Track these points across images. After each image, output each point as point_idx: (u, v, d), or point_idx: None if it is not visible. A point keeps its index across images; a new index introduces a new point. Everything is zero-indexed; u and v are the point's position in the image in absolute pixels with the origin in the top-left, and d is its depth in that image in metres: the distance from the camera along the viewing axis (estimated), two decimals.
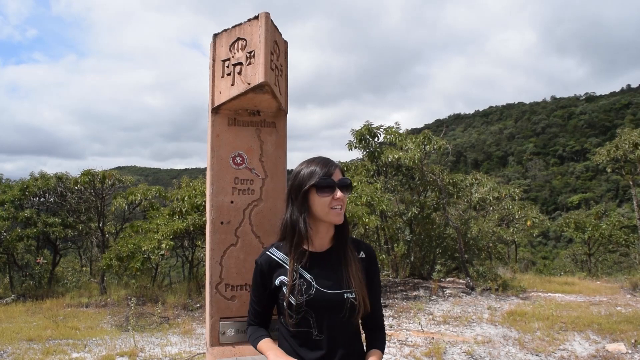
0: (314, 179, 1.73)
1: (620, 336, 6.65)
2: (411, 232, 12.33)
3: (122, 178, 12.92)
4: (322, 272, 1.76)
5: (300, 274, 1.75)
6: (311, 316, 1.72)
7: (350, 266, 1.76)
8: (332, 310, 1.72)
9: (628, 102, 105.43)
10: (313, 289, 1.72)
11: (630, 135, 14.60)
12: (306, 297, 1.71)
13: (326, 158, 1.82)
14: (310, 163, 1.79)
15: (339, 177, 1.77)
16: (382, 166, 12.56)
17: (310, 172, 1.76)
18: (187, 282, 11.90)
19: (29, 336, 7.04)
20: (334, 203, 1.73)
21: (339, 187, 1.74)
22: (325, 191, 1.73)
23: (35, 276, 13.02)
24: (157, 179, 78.95)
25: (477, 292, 10.20)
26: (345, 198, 1.76)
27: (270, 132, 2.48)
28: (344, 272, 1.75)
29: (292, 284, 1.73)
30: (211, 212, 2.34)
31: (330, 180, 1.74)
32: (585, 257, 18.29)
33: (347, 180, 1.78)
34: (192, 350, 6.33)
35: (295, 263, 1.76)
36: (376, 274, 1.88)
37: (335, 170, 1.77)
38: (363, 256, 1.84)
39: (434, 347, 6.14)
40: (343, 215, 1.77)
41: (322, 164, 1.78)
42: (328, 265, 1.78)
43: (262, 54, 2.16)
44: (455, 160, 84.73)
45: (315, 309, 1.71)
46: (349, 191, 1.79)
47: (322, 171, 1.75)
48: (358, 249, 1.85)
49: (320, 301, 1.71)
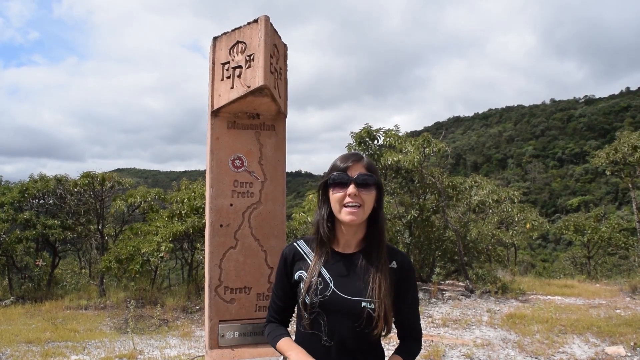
0: (330, 174, 1.65)
1: (620, 339, 6.64)
2: (410, 235, 12.33)
3: (121, 180, 12.92)
4: (343, 275, 1.64)
5: (320, 272, 1.64)
6: (323, 319, 1.61)
7: (376, 274, 1.60)
8: (346, 317, 1.59)
9: (627, 104, 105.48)
10: (329, 291, 1.61)
11: (630, 138, 14.61)
12: (320, 297, 1.60)
13: (353, 153, 1.70)
14: (338, 158, 1.69)
15: (358, 171, 1.62)
16: (381, 169, 12.54)
17: (331, 167, 1.67)
18: (187, 284, 11.88)
19: (27, 338, 7.03)
20: (347, 200, 1.60)
21: (355, 183, 1.59)
22: (337, 187, 1.62)
23: (34, 278, 12.99)
24: (156, 182, 78.86)
25: (476, 294, 10.19)
26: (364, 195, 1.60)
27: (269, 135, 2.48)
28: (368, 280, 1.60)
29: (310, 281, 1.62)
30: (210, 215, 2.35)
31: (343, 175, 1.61)
32: (584, 259, 18.28)
33: (367, 177, 1.62)
34: (192, 352, 6.32)
35: (319, 260, 1.67)
36: (410, 287, 1.70)
37: (354, 164, 1.63)
38: (395, 266, 1.67)
39: (433, 350, 6.13)
40: (359, 214, 1.60)
41: (342, 158, 1.67)
42: (352, 269, 1.64)
43: (262, 57, 2.17)
44: (454, 163, 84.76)
45: (328, 312, 1.60)
46: (369, 188, 1.62)
47: (338, 165, 1.64)
48: (391, 258, 1.68)
49: (334, 304, 1.59)
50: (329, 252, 1.68)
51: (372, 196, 1.63)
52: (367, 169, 1.65)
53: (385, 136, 12.31)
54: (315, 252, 1.69)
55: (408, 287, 1.70)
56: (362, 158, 1.66)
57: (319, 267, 1.65)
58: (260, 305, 2.42)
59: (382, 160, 11.87)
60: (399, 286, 1.66)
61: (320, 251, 1.68)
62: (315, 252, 1.69)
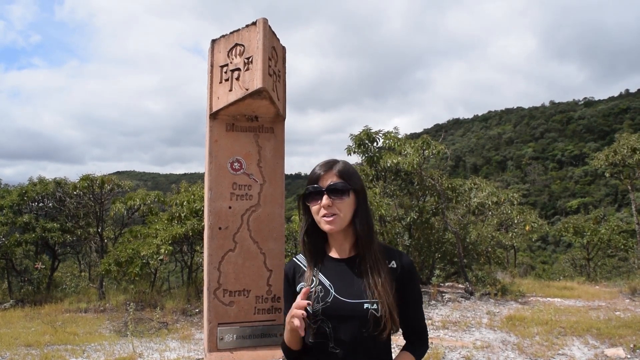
0: (306, 186, 1.65)
1: (619, 341, 6.64)
2: (410, 237, 12.33)
3: (120, 183, 12.94)
4: (342, 280, 1.62)
5: (320, 280, 1.63)
6: (328, 326, 1.58)
7: (375, 274, 1.59)
8: (351, 321, 1.56)
9: (627, 107, 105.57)
10: (330, 297, 1.59)
11: (629, 140, 14.64)
12: (322, 304, 1.59)
13: (326, 161, 1.68)
14: (316, 166, 1.68)
15: (329, 181, 1.61)
16: (381, 171, 12.56)
17: (308, 178, 1.66)
18: (186, 287, 11.87)
19: (27, 342, 7.02)
20: (322, 212, 1.59)
21: (327, 194, 1.58)
22: (312, 199, 1.62)
23: (33, 281, 12.99)
24: (156, 184, 78.81)
25: (476, 296, 10.19)
26: (339, 204, 1.59)
27: (268, 137, 2.48)
28: (367, 281, 1.58)
29: (310, 289, 1.61)
30: (209, 218, 2.35)
31: (314, 187, 1.61)
32: (584, 261, 18.28)
33: (338, 185, 1.60)
34: (191, 355, 6.32)
35: (315, 268, 1.66)
36: (411, 286, 1.68)
37: (325, 173, 1.62)
38: (394, 266, 1.65)
39: (433, 352, 6.12)
40: (337, 223, 1.59)
41: (318, 167, 1.66)
42: (350, 272, 1.63)
43: (260, 60, 2.17)
44: (454, 165, 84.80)
45: (332, 318, 1.58)
46: (342, 196, 1.60)
47: (312, 176, 1.64)
48: (390, 257, 1.67)
49: (337, 310, 1.57)
50: (321, 260, 1.68)
51: (347, 203, 1.61)
52: (340, 176, 1.62)
53: (384, 138, 12.33)
54: (308, 262, 1.70)
55: (410, 286, 1.67)
56: (334, 166, 1.64)
57: (316, 274, 1.65)
58: (259, 308, 2.42)
59: (382, 162, 11.89)
60: (400, 285, 1.64)
61: (313, 260, 1.68)
62: (308, 262, 1.70)
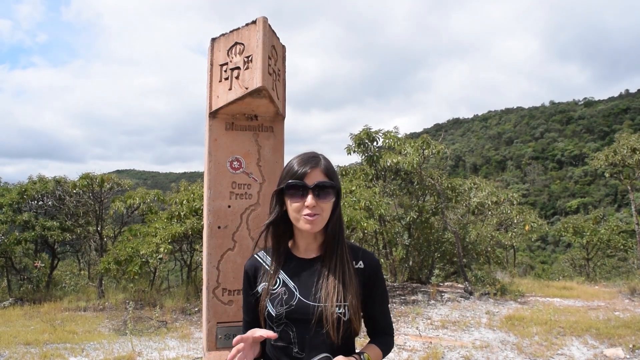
0: (286, 180, 1.53)
1: (619, 341, 6.64)
2: (410, 237, 12.33)
3: (120, 182, 12.91)
4: (307, 281, 1.55)
5: (284, 281, 1.56)
6: (291, 330, 1.52)
7: (342, 277, 1.52)
8: (316, 324, 1.49)
9: (626, 107, 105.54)
10: (295, 299, 1.52)
11: (629, 140, 14.61)
12: (286, 307, 1.51)
13: (310, 154, 1.57)
14: (294, 159, 1.57)
15: (317, 179, 1.51)
16: (380, 170, 12.56)
17: (287, 170, 1.55)
18: (186, 286, 11.87)
19: (26, 340, 7.01)
20: (305, 211, 1.50)
21: (313, 192, 1.49)
22: (294, 196, 1.51)
23: (33, 280, 12.98)
24: (155, 183, 78.73)
25: (475, 296, 10.18)
26: (323, 204, 1.51)
27: (267, 136, 2.48)
28: (334, 284, 1.51)
29: (272, 291, 1.55)
30: (208, 217, 2.34)
31: (301, 183, 1.50)
32: (583, 261, 18.28)
33: (326, 185, 1.51)
34: (190, 354, 6.31)
35: (278, 268, 1.58)
36: (377, 286, 1.63)
37: (311, 170, 1.52)
38: (361, 266, 1.59)
39: (432, 351, 6.12)
40: (317, 223, 1.51)
41: (299, 161, 1.54)
42: (316, 274, 1.55)
43: (260, 59, 2.17)
44: (454, 165, 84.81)
45: (296, 321, 1.51)
46: (328, 197, 1.52)
47: (296, 171, 1.52)
48: (356, 258, 1.61)
49: (301, 313, 1.50)
50: (289, 259, 1.61)
51: (330, 203, 1.54)
52: (326, 174, 1.54)
53: (384, 138, 12.32)
54: (273, 261, 1.61)
55: (376, 285, 1.63)
56: (320, 162, 1.55)
57: (281, 274, 1.58)
58: None
59: (382, 162, 11.89)
60: (367, 285, 1.60)
61: (277, 258, 1.61)
62: (273, 261, 1.61)
